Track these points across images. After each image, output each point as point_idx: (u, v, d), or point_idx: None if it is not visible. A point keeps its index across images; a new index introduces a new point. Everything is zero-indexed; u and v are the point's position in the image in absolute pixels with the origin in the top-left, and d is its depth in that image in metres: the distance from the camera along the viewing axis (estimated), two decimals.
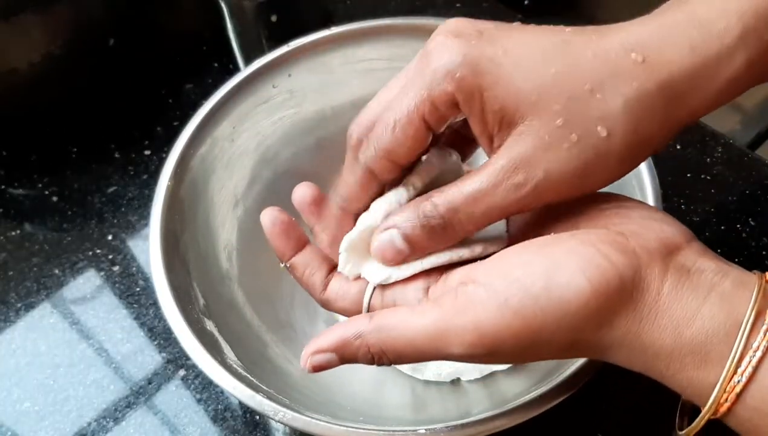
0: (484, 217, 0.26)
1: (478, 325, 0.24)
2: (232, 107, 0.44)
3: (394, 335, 0.26)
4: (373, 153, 0.27)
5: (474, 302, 0.24)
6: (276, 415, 0.32)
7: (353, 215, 0.30)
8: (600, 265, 0.23)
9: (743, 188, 0.52)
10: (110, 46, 0.59)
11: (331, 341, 0.27)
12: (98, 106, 0.59)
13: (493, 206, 0.26)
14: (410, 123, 0.26)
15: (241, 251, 0.44)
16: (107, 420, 0.44)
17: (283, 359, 0.41)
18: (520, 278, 0.24)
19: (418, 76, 0.26)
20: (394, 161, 0.28)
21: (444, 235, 0.27)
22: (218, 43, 0.60)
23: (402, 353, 0.26)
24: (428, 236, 0.27)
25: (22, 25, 0.53)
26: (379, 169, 0.28)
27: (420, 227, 0.27)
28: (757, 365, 0.22)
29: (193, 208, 0.41)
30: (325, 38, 0.45)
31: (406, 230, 0.27)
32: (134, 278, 0.50)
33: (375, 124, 0.27)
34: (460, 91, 0.25)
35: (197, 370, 0.39)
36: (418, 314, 0.26)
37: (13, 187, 0.56)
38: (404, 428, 0.31)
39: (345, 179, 0.29)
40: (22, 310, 0.49)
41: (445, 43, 0.25)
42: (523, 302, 0.24)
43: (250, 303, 0.43)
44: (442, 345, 0.25)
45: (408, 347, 0.26)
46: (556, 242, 0.25)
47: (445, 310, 0.25)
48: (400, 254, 0.28)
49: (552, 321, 0.24)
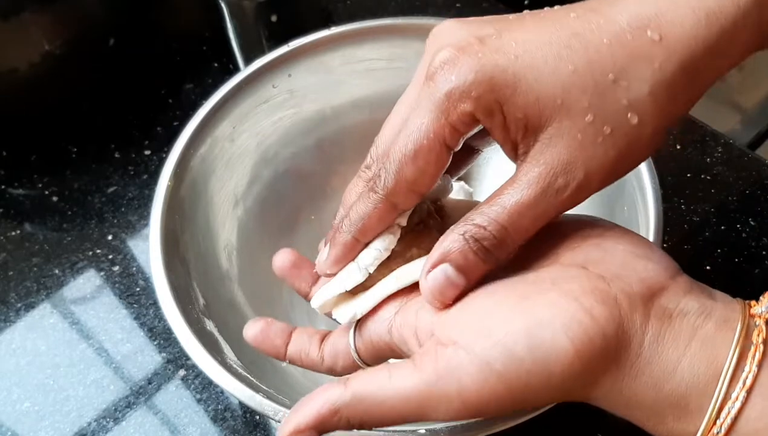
0: (532, 227, 0.25)
1: (462, 392, 0.23)
2: (232, 107, 0.44)
3: (373, 405, 0.25)
4: (394, 184, 0.26)
5: (455, 367, 0.24)
6: (276, 415, 0.32)
7: (363, 245, 0.29)
8: (582, 322, 0.23)
9: (743, 188, 0.52)
10: (110, 46, 0.59)
11: (309, 419, 0.25)
12: (98, 106, 0.59)
13: (538, 215, 0.25)
14: (431, 150, 0.25)
15: (241, 251, 0.44)
16: (107, 420, 0.44)
17: None
18: (502, 340, 0.23)
19: (429, 100, 0.25)
20: (417, 191, 0.26)
21: (497, 255, 0.25)
22: (218, 43, 0.60)
23: (383, 420, 0.25)
24: (483, 260, 0.25)
25: (22, 25, 0.53)
26: (402, 201, 0.27)
27: (473, 253, 0.25)
28: (736, 415, 0.22)
29: (193, 208, 0.41)
30: (325, 38, 0.45)
31: (459, 260, 0.25)
32: (134, 278, 0.50)
33: (390, 154, 0.26)
34: (480, 109, 0.24)
35: (197, 370, 0.39)
36: (398, 379, 0.24)
37: (13, 187, 0.56)
38: (404, 428, 0.31)
39: (360, 210, 0.27)
40: (22, 310, 0.49)
41: (450, 61, 0.24)
42: (507, 366, 0.23)
43: (250, 303, 0.43)
44: (426, 411, 0.24)
45: (389, 413, 0.25)
46: (536, 294, 0.24)
47: (427, 375, 0.24)
48: (457, 288, 0.25)
49: (537, 383, 0.23)
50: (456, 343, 0.24)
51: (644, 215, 0.37)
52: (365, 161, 0.29)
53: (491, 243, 0.25)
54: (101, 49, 0.59)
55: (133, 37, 0.61)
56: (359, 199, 0.28)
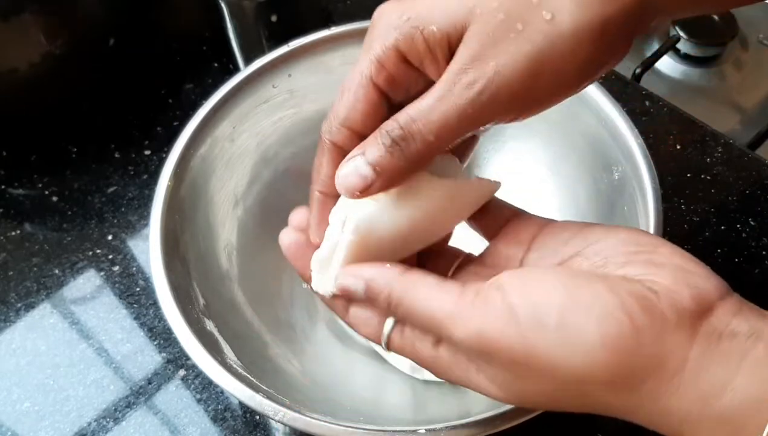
0: (441, 124, 0.25)
1: (483, 322, 0.24)
2: (232, 107, 0.44)
3: (415, 298, 0.26)
4: (332, 126, 0.28)
5: (488, 303, 0.24)
6: (276, 415, 0.32)
7: (333, 198, 0.30)
8: (619, 320, 0.23)
9: (743, 188, 0.52)
10: (110, 46, 0.59)
11: (366, 273, 0.27)
12: (98, 106, 0.59)
13: (448, 112, 0.25)
14: (360, 86, 0.27)
15: (241, 251, 0.44)
16: (107, 420, 0.44)
17: (283, 359, 0.41)
18: (537, 303, 0.24)
19: (364, 51, 0.27)
20: (351, 129, 0.27)
21: (407, 151, 0.26)
22: (218, 43, 0.60)
23: (412, 315, 0.26)
24: (390, 154, 0.26)
25: (22, 25, 0.53)
26: (341, 141, 0.28)
27: (382, 145, 0.26)
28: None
29: (193, 208, 0.41)
30: (325, 38, 0.45)
31: (369, 153, 0.26)
32: (134, 278, 0.50)
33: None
34: (402, 39, 0.25)
35: (197, 370, 0.39)
36: (443, 292, 0.26)
37: (13, 187, 0.56)
38: (404, 428, 0.31)
39: (317, 164, 0.29)
40: (22, 310, 0.49)
41: (378, 14, 0.27)
42: (531, 327, 0.23)
43: (250, 303, 0.43)
44: (447, 326, 0.25)
45: (422, 313, 0.26)
46: (585, 279, 0.24)
47: (465, 299, 0.25)
48: (364, 180, 0.26)
49: (557, 360, 0.23)
50: (500, 287, 0.25)
51: (644, 215, 0.37)
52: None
53: (398, 135, 0.26)
54: (101, 49, 0.59)
55: (133, 37, 0.61)
56: (316, 157, 0.30)
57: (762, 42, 0.70)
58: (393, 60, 0.26)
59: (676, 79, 0.69)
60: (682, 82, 0.69)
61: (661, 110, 0.57)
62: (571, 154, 0.45)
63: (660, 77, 0.69)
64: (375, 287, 0.27)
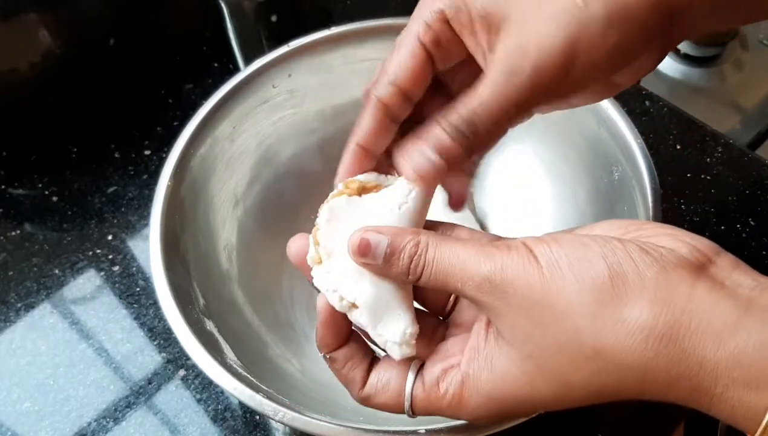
0: (502, 113, 0.27)
1: (507, 259, 0.25)
2: (232, 107, 0.44)
3: (441, 246, 0.26)
4: (381, 82, 0.29)
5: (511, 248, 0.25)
6: (276, 415, 0.32)
7: (370, 154, 0.30)
8: (623, 258, 0.24)
9: (743, 188, 0.52)
10: (110, 46, 0.59)
11: (387, 230, 0.27)
12: (98, 106, 0.59)
13: (505, 100, 0.26)
14: (408, 44, 0.28)
15: (241, 251, 0.44)
16: (107, 420, 0.44)
17: (283, 359, 0.41)
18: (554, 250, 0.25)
19: (414, 15, 0.28)
20: (398, 86, 0.28)
21: (473, 139, 0.27)
22: (218, 43, 0.60)
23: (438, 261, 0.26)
24: (459, 143, 0.27)
25: (22, 25, 0.53)
26: (387, 97, 0.29)
27: (448, 136, 0.27)
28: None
29: (193, 208, 0.41)
30: (325, 38, 0.45)
31: (437, 141, 0.27)
32: (134, 278, 0.50)
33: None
34: (448, 6, 0.27)
35: (197, 370, 0.39)
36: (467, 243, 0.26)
37: (13, 187, 0.56)
38: (404, 428, 0.31)
39: (359, 120, 0.30)
40: (22, 310, 0.49)
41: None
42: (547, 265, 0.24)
43: (250, 303, 0.43)
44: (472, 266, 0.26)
45: (449, 257, 0.26)
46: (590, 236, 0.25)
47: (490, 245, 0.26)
48: (435, 168, 0.28)
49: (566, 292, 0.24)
50: (523, 241, 0.26)
51: (644, 216, 0.37)
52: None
53: (464, 124, 0.27)
54: (101, 49, 0.59)
55: (133, 37, 0.61)
56: (359, 118, 0.30)
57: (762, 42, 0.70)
58: (438, 23, 0.28)
59: (676, 79, 0.69)
60: (682, 82, 0.69)
61: (661, 110, 0.57)
62: (571, 155, 0.45)
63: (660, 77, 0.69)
64: (400, 240, 0.27)
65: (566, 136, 0.45)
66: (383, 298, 0.28)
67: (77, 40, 0.56)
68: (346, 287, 0.28)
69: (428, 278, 0.27)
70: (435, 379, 0.28)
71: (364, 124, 0.29)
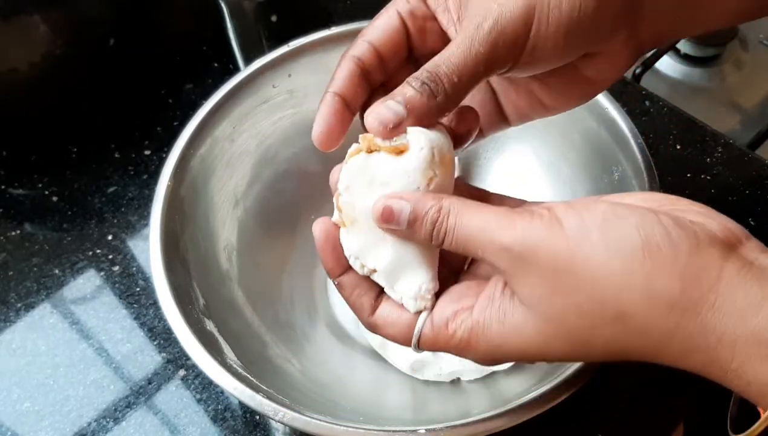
0: (462, 65, 0.27)
1: (530, 227, 0.25)
2: (232, 107, 0.44)
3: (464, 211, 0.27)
4: (356, 43, 0.30)
5: (535, 215, 0.26)
6: (276, 415, 0.32)
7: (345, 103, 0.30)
8: (657, 230, 0.24)
9: (743, 188, 0.52)
10: (110, 46, 0.59)
11: (411, 196, 0.27)
12: (98, 106, 0.59)
13: (467, 53, 0.27)
14: (385, 12, 0.30)
15: (241, 251, 0.44)
16: (107, 420, 0.44)
17: (283, 359, 0.41)
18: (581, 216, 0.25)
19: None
20: (373, 45, 0.30)
21: (435, 90, 0.28)
22: (218, 43, 0.60)
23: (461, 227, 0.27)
24: (420, 94, 0.28)
25: (22, 25, 0.53)
26: (361, 54, 0.30)
27: (411, 87, 0.28)
28: None
29: (193, 208, 0.41)
30: (325, 38, 0.45)
31: (399, 94, 0.28)
32: (134, 278, 0.50)
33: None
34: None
35: (197, 370, 0.39)
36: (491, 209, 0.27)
37: (13, 187, 0.56)
38: (404, 428, 0.31)
39: (334, 75, 0.31)
40: (22, 310, 0.49)
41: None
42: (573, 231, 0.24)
43: (250, 303, 0.43)
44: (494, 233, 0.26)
45: (471, 222, 0.26)
46: (622, 203, 0.25)
47: (513, 212, 0.26)
48: (396, 115, 0.28)
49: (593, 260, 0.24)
50: (548, 207, 0.26)
51: None
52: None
53: (427, 77, 0.28)
54: (101, 49, 0.59)
55: (133, 37, 0.61)
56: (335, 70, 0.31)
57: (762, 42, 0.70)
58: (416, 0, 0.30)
59: (676, 79, 0.69)
60: (682, 82, 0.69)
61: (661, 110, 0.57)
62: (571, 155, 0.45)
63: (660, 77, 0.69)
64: (422, 206, 0.27)
65: (566, 136, 0.45)
66: (404, 260, 0.29)
67: (77, 40, 0.56)
68: (368, 254, 0.29)
69: (450, 244, 0.27)
70: (445, 319, 0.28)
71: (337, 75, 0.30)
